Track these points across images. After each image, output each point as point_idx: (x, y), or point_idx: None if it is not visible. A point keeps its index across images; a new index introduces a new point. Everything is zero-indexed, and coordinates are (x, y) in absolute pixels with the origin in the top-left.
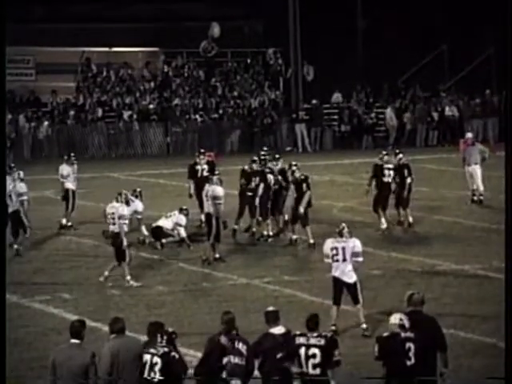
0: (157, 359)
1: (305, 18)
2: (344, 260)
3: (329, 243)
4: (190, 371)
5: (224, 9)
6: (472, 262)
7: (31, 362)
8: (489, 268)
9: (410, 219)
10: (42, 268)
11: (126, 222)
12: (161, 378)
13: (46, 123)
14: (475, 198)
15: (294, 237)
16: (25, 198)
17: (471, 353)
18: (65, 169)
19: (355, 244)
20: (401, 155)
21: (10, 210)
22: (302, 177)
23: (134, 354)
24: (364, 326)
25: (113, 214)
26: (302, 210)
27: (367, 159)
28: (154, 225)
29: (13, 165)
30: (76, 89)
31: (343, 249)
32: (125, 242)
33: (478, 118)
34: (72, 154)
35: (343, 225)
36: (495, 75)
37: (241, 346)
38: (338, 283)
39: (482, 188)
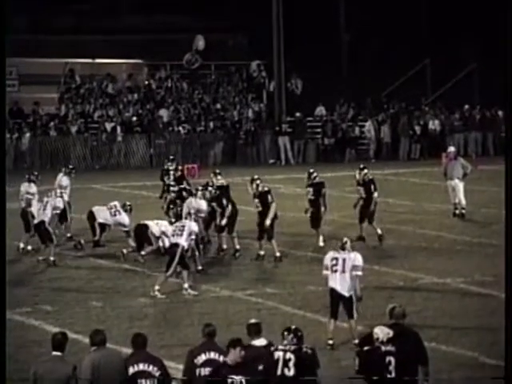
0: (290, 355)
1: (289, 31)
2: (343, 271)
3: (330, 254)
4: None
5: (208, 21)
6: (454, 276)
7: (12, 374)
8: (471, 281)
9: (379, 231)
10: (23, 280)
11: (194, 237)
12: (294, 373)
13: (28, 134)
14: (457, 211)
15: (262, 252)
16: (58, 211)
17: (452, 366)
18: (63, 180)
19: (356, 257)
20: (365, 170)
21: (36, 221)
22: (266, 189)
23: (115, 366)
24: (356, 341)
25: (182, 227)
26: (268, 222)
27: (350, 172)
28: (141, 222)
29: (36, 173)
30: (59, 100)
31: (343, 260)
32: (186, 253)
33: (460, 133)
34: (71, 166)
35: (345, 239)
36: (477, 90)
37: None
38: (335, 295)
39: (464, 202)
